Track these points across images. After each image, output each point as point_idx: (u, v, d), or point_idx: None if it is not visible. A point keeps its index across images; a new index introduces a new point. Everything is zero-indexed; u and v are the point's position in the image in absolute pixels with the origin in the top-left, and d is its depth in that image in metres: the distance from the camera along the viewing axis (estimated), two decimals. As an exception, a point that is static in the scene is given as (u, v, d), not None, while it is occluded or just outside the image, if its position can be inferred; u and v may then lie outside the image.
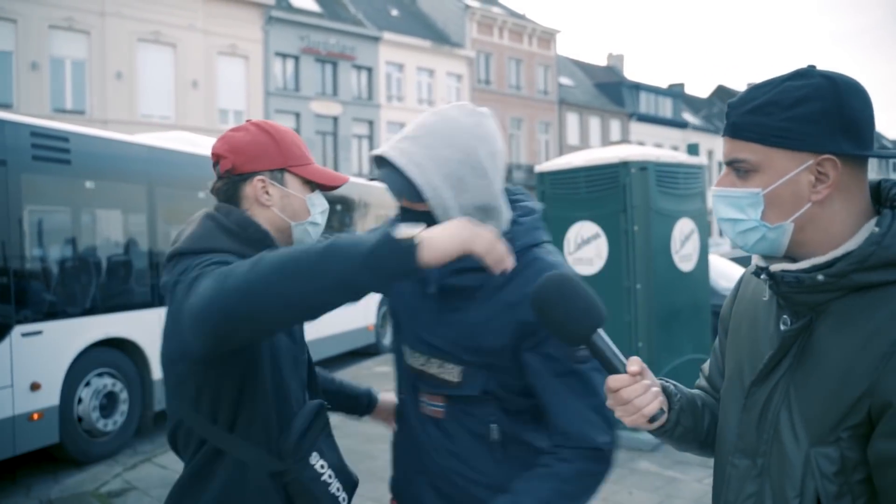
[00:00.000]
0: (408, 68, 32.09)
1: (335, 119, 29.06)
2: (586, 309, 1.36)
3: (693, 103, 55.59)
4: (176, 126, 22.09)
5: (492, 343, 1.68)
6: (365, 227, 12.73)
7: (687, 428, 1.43)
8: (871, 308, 1.14)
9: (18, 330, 5.88)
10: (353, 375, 10.56)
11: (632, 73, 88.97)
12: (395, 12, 34.60)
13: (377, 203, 13.24)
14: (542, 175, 6.62)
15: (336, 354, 11.49)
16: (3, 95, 20.36)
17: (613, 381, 1.30)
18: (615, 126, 43.36)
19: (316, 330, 10.62)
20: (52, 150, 6.32)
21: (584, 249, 6.26)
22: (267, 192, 1.70)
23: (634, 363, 1.30)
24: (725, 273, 9.93)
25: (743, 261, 12.97)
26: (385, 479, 2.01)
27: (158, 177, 7.48)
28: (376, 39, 30.44)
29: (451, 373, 1.76)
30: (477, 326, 1.71)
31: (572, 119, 41.05)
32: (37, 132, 6.20)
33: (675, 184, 6.27)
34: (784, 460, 1.21)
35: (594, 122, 42.41)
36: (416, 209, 1.64)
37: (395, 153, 1.62)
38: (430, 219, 1.62)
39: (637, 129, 44.13)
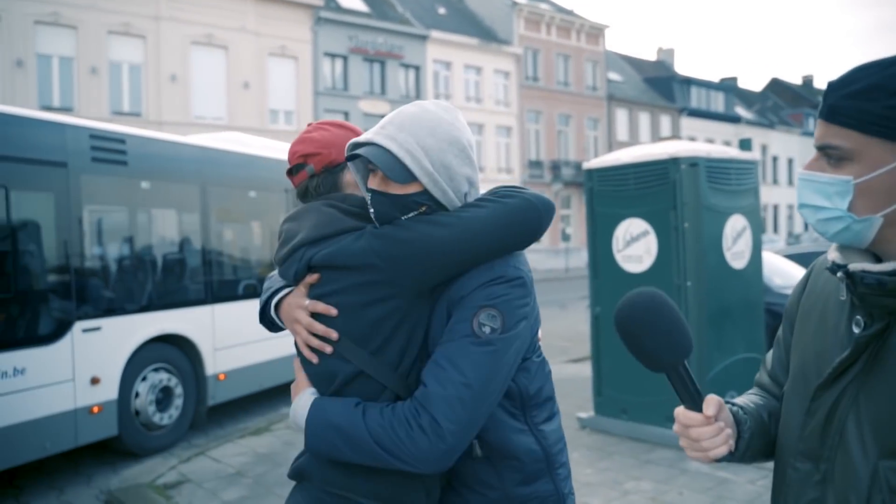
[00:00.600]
0: (455, 66, 32.12)
1: (383, 118, 29.23)
2: (676, 336, 1.27)
3: (746, 97, 54.47)
4: (228, 126, 22.53)
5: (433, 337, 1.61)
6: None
7: (756, 451, 1.38)
8: None
9: (79, 326, 6.06)
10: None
11: (682, 68, 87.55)
12: (442, 10, 34.65)
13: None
14: (591, 172, 6.56)
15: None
16: (65, 99, 21.04)
17: (686, 417, 1.26)
18: (665, 121, 42.73)
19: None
20: (109, 151, 6.50)
21: (633, 247, 6.20)
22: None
23: (712, 405, 1.25)
24: (780, 270, 9.70)
25: (799, 258, 12.65)
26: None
27: (211, 176, 7.63)
28: (424, 38, 30.54)
29: None
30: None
31: (621, 115, 40.58)
32: (95, 135, 6.38)
33: (727, 180, 6.16)
34: (849, 469, 1.16)
35: (644, 118, 41.86)
36: (395, 193, 1.60)
37: (384, 140, 1.59)
38: (407, 203, 1.60)
39: (688, 124, 43.43)
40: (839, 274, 1.17)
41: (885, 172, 1.11)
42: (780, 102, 57.41)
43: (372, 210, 1.63)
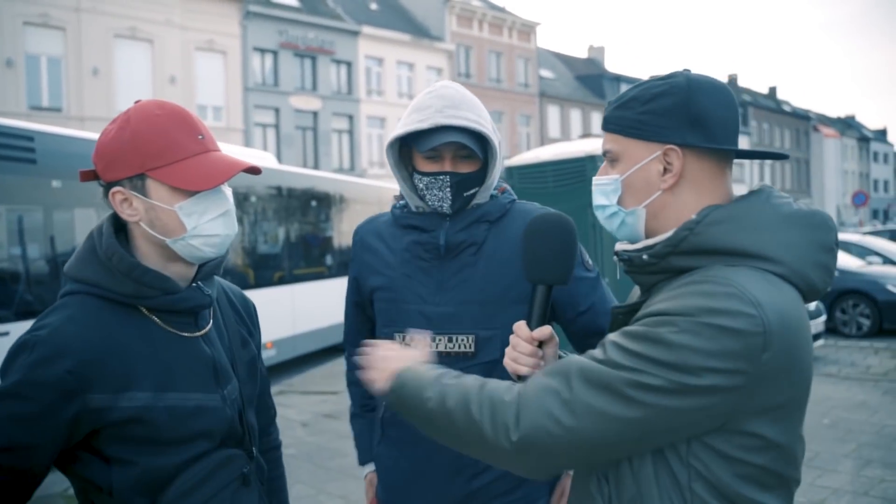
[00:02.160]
0: (387, 62, 31.99)
1: (315, 114, 28.93)
2: (561, 261, 1.42)
3: (674, 95, 55.75)
4: (154, 122, 21.90)
5: (511, 284, 1.80)
6: (342, 222, 12.70)
7: None
8: (672, 290, 1.22)
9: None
10: (329, 373, 10.55)
11: (613, 65, 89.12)
12: (373, 6, 34.46)
13: (356, 199, 13.21)
14: (511, 169, 6.64)
15: (314, 350, 11.46)
16: (-23, 93, 20.14)
17: (519, 328, 1.42)
18: (596, 118, 43.43)
19: (293, 326, 10.58)
20: (16, 149, 6.26)
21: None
22: (131, 205, 1.40)
23: (541, 331, 1.40)
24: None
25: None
26: (356, 477, 2.02)
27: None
28: (355, 33, 30.32)
29: (463, 344, 1.83)
30: (493, 273, 1.84)
31: (553, 112, 41.09)
32: (1, 132, 6.14)
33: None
34: None
35: (575, 115, 42.47)
36: (465, 171, 1.85)
37: (460, 121, 1.79)
38: (475, 180, 1.86)
39: (618, 121, 44.17)
40: (614, 258, 1.38)
41: (640, 168, 1.30)
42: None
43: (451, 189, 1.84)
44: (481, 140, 1.85)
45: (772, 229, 1.21)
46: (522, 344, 1.40)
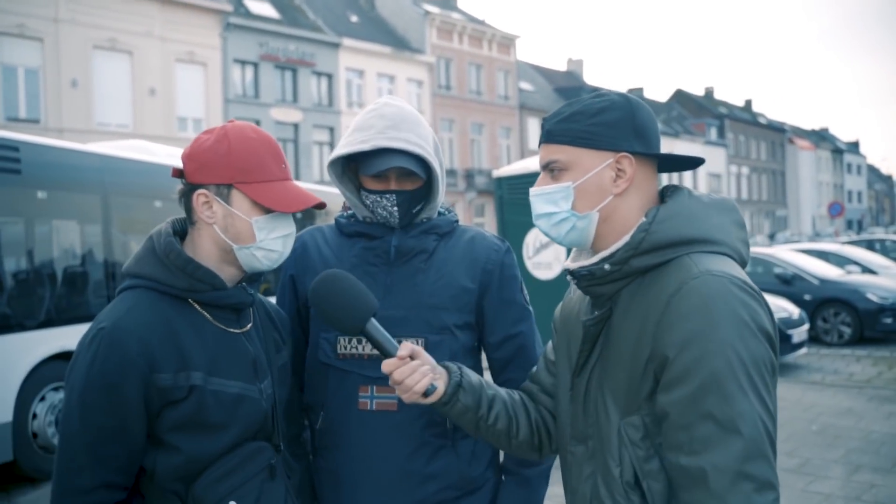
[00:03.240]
0: (368, 74, 32.05)
1: (296, 126, 28.88)
2: (356, 302, 1.56)
3: (652, 107, 55.24)
4: (134, 134, 21.77)
5: (460, 293, 1.86)
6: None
7: (467, 405, 1.57)
8: (647, 289, 1.33)
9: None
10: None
11: (592, 78, 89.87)
12: (354, 18, 34.54)
13: (335, 210, 13.16)
14: (500, 180, 6.66)
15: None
16: (-47, 105, 19.89)
17: (386, 365, 1.52)
18: (576, 130, 43.70)
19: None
20: (2, 159, 6.18)
21: (543, 254, 6.31)
22: (211, 208, 1.56)
23: (404, 348, 1.53)
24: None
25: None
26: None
27: (113, 186, 7.35)
28: (336, 46, 30.35)
29: None
30: (443, 280, 1.88)
31: (533, 124, 41.31)
32: (-15, 142, 6.05)
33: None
34: (604, 438, 1.38)
35: (555, 127, 42.68)
36: (410, 189, 1.87)
37: (400, 143, 1.81)
38: (421, 195, 1.90)
39: (597, 133, 44.48)
40: (568, 276, 1.44)
41: (594, 174, 1.39)
42: (684, 112, 59.64)
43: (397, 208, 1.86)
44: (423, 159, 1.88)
45: (705, 217, 1.37)
46: (402, 370, 1.51)
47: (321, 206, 1.61)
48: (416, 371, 1.51)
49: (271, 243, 1.59)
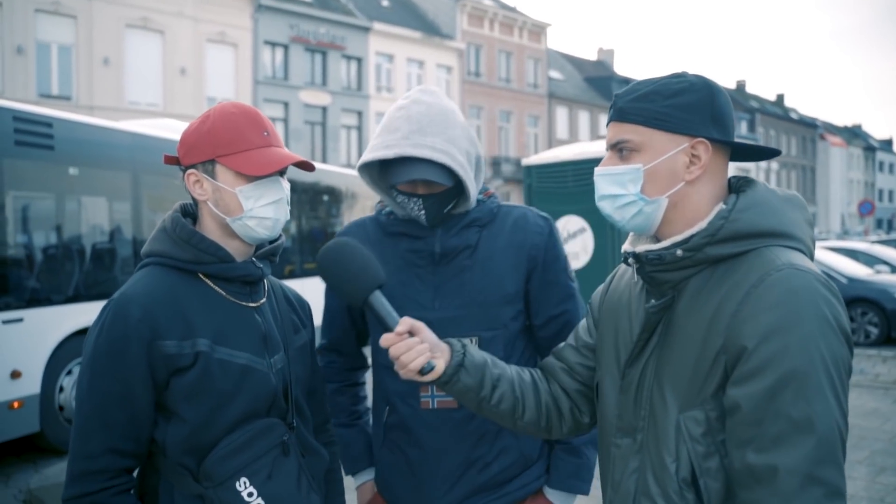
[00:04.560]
0: (398, 59, 31.98)
1: (324, 109, 28.93)
2: (361, 272, 1.54)
3: (682, 99, 55.66)
4: (164, 114, 21.93)
5: (509, 285, 1.85)
6: (352, 217, 12.69)
7: (468, 385, 1.54)
8: (721, 279, 1.27)
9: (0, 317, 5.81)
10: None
11: (622, 68, 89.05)
12: (385, 3, 34.44)
13: (364, 194, 13.20)
14: (529, 168, 6.61)
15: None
16: (-12, 79, 20.14)
17: (384, 339, 1.50)
18: (605, 120, 43.34)
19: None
20: (35, 135, 6.24)
21: (571, 244, 6.26)
22: (202, 186, 1.63)
23: (403, 323, 1.51)
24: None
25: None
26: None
27: (143, 164, 7.40)
28: (366, 29, 30.30)
29: None
30: (490, 275, 1.88)
31: (562, 113, 41.04)
32: (20, 117, 6.11)
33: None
34: (659, 431, 1.32)
35: (583, 117, 42.42)
36: (437, 192, 1.84)
37: (425, 151, 1.76)
38: (451, 195, 1.85)
39: (626, 123, 44.13)
40: (630, 259, 1.38)
41: (667, 158, 1.33)
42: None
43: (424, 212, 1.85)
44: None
45: (783, 211, 1.32)
46: (398, 347, 1.49)
47: (305, 165, 1.65)
48: (412, 348, 1.49)
49: (261, 210, 1.61)
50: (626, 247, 1.42)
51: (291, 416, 1.67)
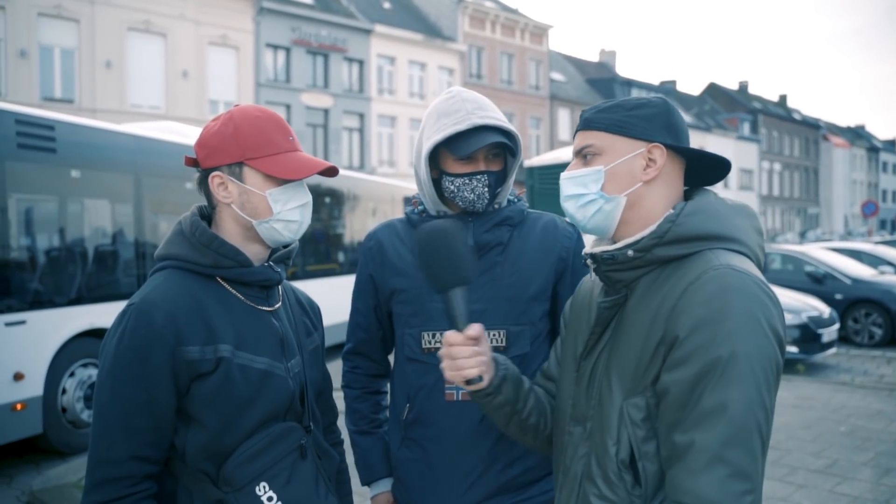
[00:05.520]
0: (399, 61, 32.00)
1: (326, 111, 28.95)
2: (460, 261, 1.51)
3: (685, 101, 55.70)
4: (166, 116, 21.97)
5: (538, 283, 1.89)
6: (353, 220, 12.68)
7: (507, 399, 1.58)
8: (666, 278, 1.38)
9: (1, 319, 5.82)
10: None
11: (624, 70, 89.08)
12: (387, 5, 34.47)
13: (366, 195, 13.20)
14: (531, 170, 6.62)
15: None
16: (-9, 83, 20.18)
17: (449, 336, 1.51)
18: (606, 122, 43.35)
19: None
20: (37, 137, 6.25)
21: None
22: (227, 188, 1.61)
23: (474, 328, 1.51)
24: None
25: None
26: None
27: (145, 167, 7.41)
28: (368, 32, 30.33)
29: (495, 338, 1.91)
30: (520, 272, 1.93)
31: (563, 114, 41.04)
32: (22, 119, 6.13)
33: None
34: (605, 417, 1.40)
35: (585, 118, 42.36)
36: (496, 170, 1.93)
37: (493, 121, 1.88)
38: (502, 177, 1.96)
39: (628, 125, 44.10)
40: (588, 260, 1.48)
41: (626, 160, 1.44)
42: (717, 107, 58.89)
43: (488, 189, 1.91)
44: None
45: (729, 217, 1.42)
46: (460, 349, 1.49)
47: (332, 171, 1.65)
48: (473, 356, 1.50)
49: (289, 213, 1.62)
50: (586, 249, 1.52)
51: (308, 419, 1.68)
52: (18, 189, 6.14)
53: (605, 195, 1.45)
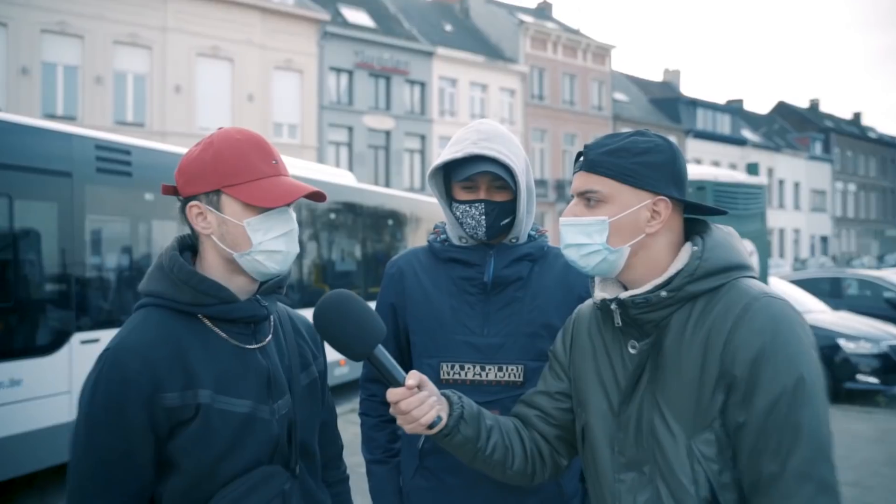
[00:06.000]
0: (461, 83, 32.25)
1: (388, 133, 29.33)
2: (365, 326, 1.48)
3: (752, 120, 54.61)
4: (232, 139, 22.49)
5: (558, 319, 1.86)
6: (416, 242, 12.80)
7: (467, 437, 1.56)
8: (705, 311, 1.41)
9: (77, 337, 6.06)
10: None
11: (689, 89, 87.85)
12: (448, 27, 34.84)
13: (428, 217, 13.31)
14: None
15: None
16: (69, 108, 21.12)
17: (392, 394, 1.49)
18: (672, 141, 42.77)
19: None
20: (114, 162, 6.53)
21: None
22: (206, 219, 1.52)
23: (412, 377, 1.49)
24: (786, 295, 9.67)
25: (806, 284, 12.60)
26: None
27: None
28: (430, 54, 30.69)
29: (513, 373, 1.92)
30: (540, 308, 1.94)
31: (627, 135, 40.62)
32: (101, 145, 6.42)
33: (735, 204, 6.16)
34: (670, 458, 1.40)
35: (649, 139, 41.89)
36: (499, 200, 1.94)
37: (491, 152, 1.90)
38: (509, 210, 1.95)
39: (694, 146, 43.53)
40: (613, 306, 1.48)
41: (631, 212, 1.46)
42: (787, 126, 57.54)
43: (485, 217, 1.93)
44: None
45: (737, 246, 1.49)
46: (408, 402, 1.48)
47: (317, 196, 1.55)
48: (423, 403, 1.49)
49: (271, 244, 1.51)
50: (601, 294, 1.53)
51: (294, 462, 1.60)
52: (96, 211, 6.42)
53: (610, 247, 1.46)
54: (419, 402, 1.48)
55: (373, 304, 2.19)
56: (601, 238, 1.46)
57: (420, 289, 2.04)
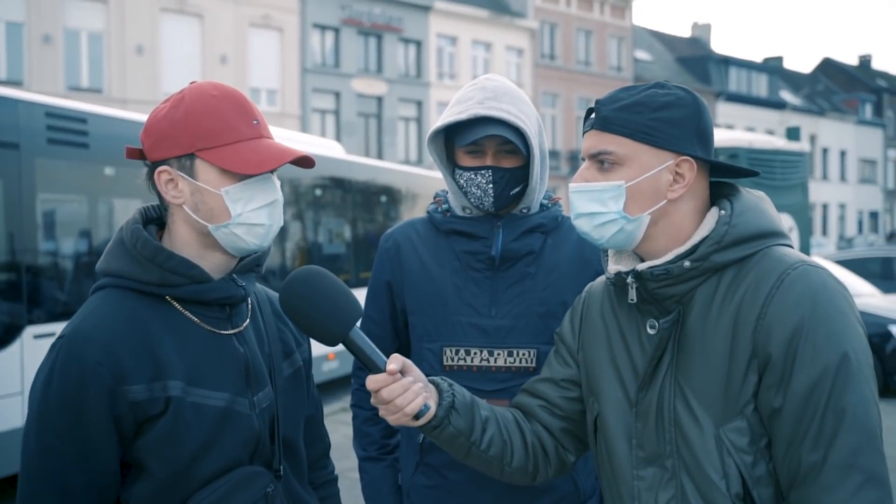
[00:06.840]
0: (461, 42, 32.11)
1: (379, 99, 29.24)
2: (341, 304, 1.45)
3: (793, 80, 54.44)
4: (202, 106, 22.42)
5: (573, 299, 1.84)
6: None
7: (459, 430, 1.54)
8: (733, 285, 1.39)
9: (30, 331, 6.05)
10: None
11: (720, 46, 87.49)
12: (447, -23, 34.66)
13: (426, 193, 13.30)
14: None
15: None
16: (14, 71, 21.01)
17: (372, 381, 1.46)
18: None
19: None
20: (68, 132, 6.49)
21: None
22: (177, 186, 1.49)
23: (394, 361, 1.46)
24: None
25: (852, 264, 12.62)
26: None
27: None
28: (426, 9, 30.53)
29: (524, 358, 1.93)
30: (554, 286, 1.94)
31: (650, 99, 40.56)
32: (52, 112, 6.38)
33: (772, 173, 6.16)
34: (695, 450, 1.39)
35: (676, 103, 41.82)
36: (508, 167, 1.93)
37: (500, 113, 1.87)
38: (519, 177, 1.94)
39: (726, 110, 43.43)
40: (629, 279, 1.45)
41: (651, 175, 1.43)
42: (833, 86, 57.36)
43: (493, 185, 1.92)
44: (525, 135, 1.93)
45: (770, 211, 1.48)
46: (390, 389, 1.44)
47: (305, 161, 1.53)
48: (408, 390, 1.45)
49: (252, 216, 1.48)
50: (615, 267, 1.50)
51: (278, 462, 1.58)
52: (48, 188, 6.41)
53: (628, 216, 1.44)
54: (403, 390, 1.45)
55: (364, 293, 2.20)
56: (617, 205, 1.44)
57: (419, 264, 2.03)
